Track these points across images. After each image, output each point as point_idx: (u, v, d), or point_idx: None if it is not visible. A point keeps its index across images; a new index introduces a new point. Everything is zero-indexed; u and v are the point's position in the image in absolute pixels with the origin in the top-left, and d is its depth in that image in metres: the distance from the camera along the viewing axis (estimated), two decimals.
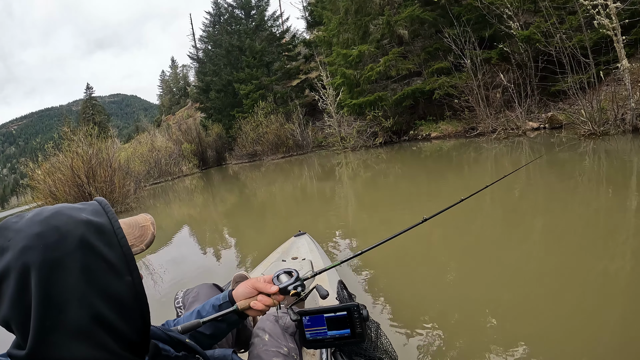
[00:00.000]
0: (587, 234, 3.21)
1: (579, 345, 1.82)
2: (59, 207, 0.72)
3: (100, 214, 0.73)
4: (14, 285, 0.62)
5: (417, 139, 13.76)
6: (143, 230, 0.83)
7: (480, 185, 2.17)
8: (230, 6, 29.37)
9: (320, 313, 1.15)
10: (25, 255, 0.62)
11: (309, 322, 1.15)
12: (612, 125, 7.33)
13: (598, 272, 2.48)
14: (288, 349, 1.14)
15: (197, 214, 9.39)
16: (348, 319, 1.12)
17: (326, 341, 1.14)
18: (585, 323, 1.99)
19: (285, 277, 1.11)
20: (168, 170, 23.03)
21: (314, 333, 1.14)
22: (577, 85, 8.14)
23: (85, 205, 0.76)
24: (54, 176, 10.77)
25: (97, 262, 0.66)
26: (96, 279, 0.65)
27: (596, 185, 4.62)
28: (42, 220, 0.67)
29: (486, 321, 2.13)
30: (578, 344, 1.83)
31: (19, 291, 0.62)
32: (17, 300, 0.62)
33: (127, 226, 0.80)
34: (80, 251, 0.65)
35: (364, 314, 1.13)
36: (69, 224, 0.67)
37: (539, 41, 9.71)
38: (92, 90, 56.39)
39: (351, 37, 15.21)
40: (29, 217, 0.68)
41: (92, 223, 0.69)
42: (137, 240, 0.80)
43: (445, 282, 2.76)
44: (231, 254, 4.94)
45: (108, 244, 0.69)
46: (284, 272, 1.13)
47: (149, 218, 0.87)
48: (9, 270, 0.62)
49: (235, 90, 25.86)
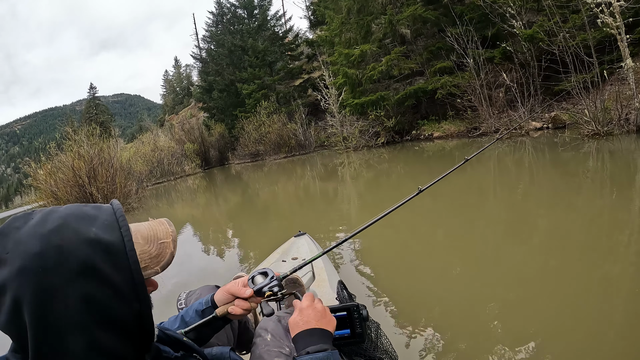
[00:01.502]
0: (591, 233, 3.20)
1: (583, 345, 1.82)
2: (67, 214, 0.65)
3: (112, 228, 0.66)
4: (9, 306, 0.58)
5: (420, 139, 13.73)
6: (161, 249, 0.73)
7: (483, 189, 2.17)
8: (233, 6, 29.41)
9: None
10: (21, 276, 0.57)
11: None
12: (616, 125, 7.29)
13: (602, 272, 2.47)
14: (290, 349, 1.14)
15: (200, 214, 9.41)
16: (348, 319, 1.13)
17: None
18: (589, 321, 1.98)
19: (260, 278, 1.11)
20: (170, 170, 23.08)
21: None
22: (580, 85, 8.09)
23: (98, 212, 0.68)
24: (56, 176, 10.80)
25: (100, 289, 0.61)
26: (98, 306, 0.60)
27: (600, 186, 4.60)
28: (44, 235, 0.60)
29: (488, 321, 2.13)
30: (581, 344, 1.83)
31: (14, 312, 0.58)
32: (12, 320, 0.58)
33: (145, 241, 0.71)
34: (83, 277, 0.59)
35: (363, 314, 1.13)
36: (73, 243, 0.61)
37: (542, 40, 9.66)
38: (95, 90, 56.64)
39: (353, 36, 15.19)
40: (32, 224, 0.62)
41: (100, 242, 0.62)
42: (152, 262, 0.71)
43: (447, 282, 2.76)
44: (234, 254, 4.95)
45: (116, 266, 0.63)
46: (259, 274, 1.12)
47: (171, 232, 0.76)
48: (5, 288, 0.58)
49: (237, 90, 25.90)
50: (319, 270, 2.24)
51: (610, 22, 7.14)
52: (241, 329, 1.43)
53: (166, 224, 0.77)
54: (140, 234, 0.71)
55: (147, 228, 0.74)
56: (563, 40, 8.81)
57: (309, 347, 0.90)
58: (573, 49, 8.54)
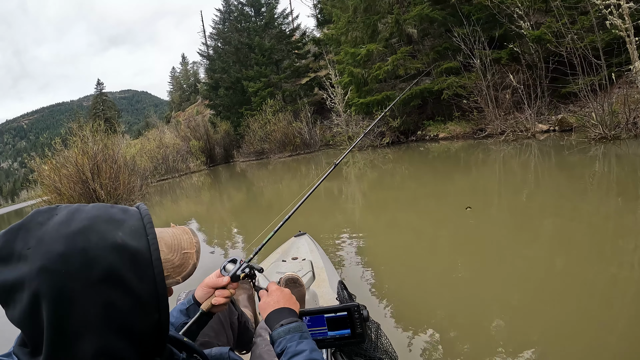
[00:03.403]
0: (596, 237, 3.18)
1: (586, 349, 1.81)
2: (94, 216, 0.63)
3: (139, 234, 0.64)
4: (27, 303, 0.56)
5: (425, 140, 13.69)
6: (184, 259, 0.71)
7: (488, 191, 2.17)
8: (240, 3, 29.42)
9: (320, 313, 1.15)
10: (42, 276, 0.55)
11: (309, 322, 1.16)
12: (624, 129, 7.22)
13: (607, 276, 2.46)
14: None
15: (204, 211, 9.45)
16: (348, 319, 1.13)
17: (326, 341, 1.15)
18: (593, 326, 1.97)
19: (230, 265, 1.17)
20: (175, 167, 23.19)
21: (315, 333, 1.15)
22: (588, 87, 8.03)
23: (125, 216, 0.66)
24: (60, 172, 10.88)
25: (122, 298, 0.59)
26: (118, 314, 0.59)
27: (606, 190, 4.56)
28: (69, 235, 0.58)
29: (489, 323, 2.13)
30: (585, 348, 1.82)
31: (32, 310, 0.56)
32: (29, 317, 0.57)
33: (169, 249, 0.70)
34: (105, 285, 0.58)
35: (364, 315, 1.14)
36: (99, 248, 0.58)
37: (550, 41, 9.59)
38: (102, 86, 56.95)
39: (360, 35, 15.16)
40: (56, 222, 0.60)
41: (126, 249, 0.60)
42: (174, 271, 0.70)
43: (448, 284, 2.75)
44: (237, 254, 4.96)
45: (140, 276, 0.61)
46: (228, 262, 1.18)
47: (195, 242, 0.75)
48: (23, 285, 0.56)
49: (244, 87, 25.93)
50: (319, 271, 2.24)
51: (620, 24, 7.07)
52: (241, 329, 1.44)
53: (190, 233, 0.76)
54: (164, 242, 0.70)
55: (171, 236, 0.72)
56: (571, 41, 8.73)
57: (282, 320, 0.96)
58: (581, 51, 8.47)
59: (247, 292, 1.83)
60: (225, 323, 1.34)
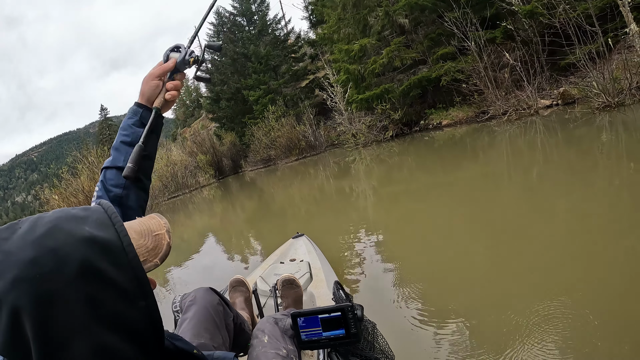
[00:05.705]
0: (612, 210, 3.08)
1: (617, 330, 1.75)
2: (56, 217, 0.61)
3: (105, 225, 0.62)
4: (7, 322, 0.53)
5: (429, 129, 13.58)
6: (157, 241, 0.70)
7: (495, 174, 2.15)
8: (232, 14, 29.59)
9: (314, 314, 1.18)
10: (17, 288, 0.53)
11: (303, 324, 1.18)
12: (627, 94, 7.09)
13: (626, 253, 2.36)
14: (287, 351, 1.16)
15: (218, 222, 9.53)
16: (342, 319, 1.15)
17: (321, 342, 1.17)
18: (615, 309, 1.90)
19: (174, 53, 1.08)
20: (185, 183, 23.34)
21: (309, 334, 1.17)
22: (586, 57, 7.91)
23: (88, 212, 0.64)
24: (69, 201, 11.09)
25: (104, 290, 0.57)
26: (103, 309, 0.56)
27: (616, 160, 4.48)
28: (35, 239, 0.56)
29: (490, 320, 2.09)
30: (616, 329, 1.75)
31: (14, 328, 0.53)
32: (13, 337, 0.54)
33: (139, 235, 0.68)
34: (83, 279, 0.55)
35: (358, 314, 1.16)
36: (68, 244, 0.56)
37: (543, 15, 9.44)
38: (106, 111, 57.63)
39: (352, 31, 15.12)
40: (21, 233, 0.58)
41: (96, 240, 0.58)
42: (150, 254, 0.68)
43: (447, 282, 2.71)
44: (237, 257, 5.03)
45: (116, 265, 0.59)
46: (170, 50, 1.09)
47: (164, 223, 0.74)
48: (0, 303, 0.53)
49: (244, 97, 26.07)
50: (317, 271, 2.26)
51: None
52: (237, 330, 1.42)
53: (157, 217, 0.75)
54: (134, 230, 0.69)
55: (138, 224, 0.72)
56: (564, 12, 8.60)
57: None
58: (575, 21, 8.35)
59: (244, 295, 1.83)
60: (220, 324, 1.31)
